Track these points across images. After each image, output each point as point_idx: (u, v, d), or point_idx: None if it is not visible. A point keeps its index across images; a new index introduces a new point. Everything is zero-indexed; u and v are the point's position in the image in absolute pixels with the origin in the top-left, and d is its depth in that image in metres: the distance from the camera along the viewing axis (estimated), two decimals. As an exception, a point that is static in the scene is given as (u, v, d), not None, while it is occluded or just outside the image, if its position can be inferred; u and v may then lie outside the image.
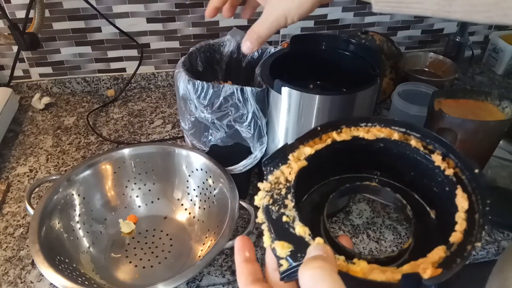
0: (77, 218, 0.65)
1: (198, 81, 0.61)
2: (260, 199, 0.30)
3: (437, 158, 0.31)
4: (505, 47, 1.09)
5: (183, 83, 0.62)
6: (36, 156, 0.84)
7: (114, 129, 0.92)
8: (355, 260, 0.26)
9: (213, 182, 0.67)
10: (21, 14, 0.92)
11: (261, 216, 0.29)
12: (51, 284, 0.58)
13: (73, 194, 0.65)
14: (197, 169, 0.69)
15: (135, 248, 0.66)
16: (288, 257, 0.25)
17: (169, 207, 0.72)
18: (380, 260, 0.28)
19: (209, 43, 0.76)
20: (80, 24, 0.97)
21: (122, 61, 1.05)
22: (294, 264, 0.25)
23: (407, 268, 0.25)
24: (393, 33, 1.12)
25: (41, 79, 1.04)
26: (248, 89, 0.59)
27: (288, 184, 0.30)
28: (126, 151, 0.71)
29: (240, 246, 0.31)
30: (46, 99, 0.99)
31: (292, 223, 0.27)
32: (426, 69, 1.07)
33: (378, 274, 0.24)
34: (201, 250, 0.65)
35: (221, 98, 0.60)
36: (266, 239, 0.27)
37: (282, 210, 0.28)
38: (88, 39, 1.00)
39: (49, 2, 0.93)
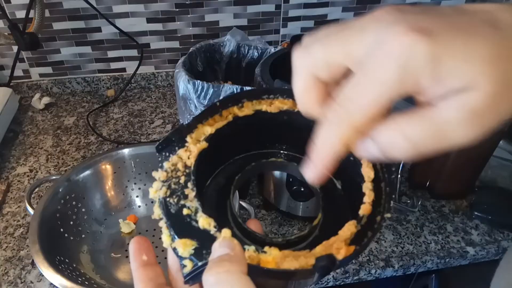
0: (77, 218, 0.65)
1: (198, 81, 0.61)
2: (156, 191, 0.26)
3: None
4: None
5: (183, 83, 0.62)
6: (36, 156, 0.84)
7: (114, 129, 0.92)
8: (266, 248, 0.23)
9: (213, 182, 0.67)
10: (21, 14, 0.92)
11: (157, 212, 0.25)
12: (51, 284, 0.58)
13: (73, 194, 0.65)
14: (197, 169, 0.70)
15: (135, 248, 0.66)
16: (192, 256, 0.23)
17: (169, 207, 0.71)
18: (291, 240, 0.27)
19: (209, 43, 0.76)
20: (80, 24, 0.97)
21: (122, 61, 1.05)
22: (199, 263, 0.22)
23: (320, 250, 0.23)
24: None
25: (41, 79, 1.04)
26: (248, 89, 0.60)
27: (187, 171, 0.27)
28: (126, 151, 0.71)
29: (136, 248, 0.26)
30: (46, 99, 0.99)
31: (195, 216, 0.24)
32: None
33: (291, 261, 0.22)
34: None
35: (221, 98, 0.60)
36: (165, 238, 0.24)
37: (182, 202, 0.25)
38: (88, 39, 1.00)
39: (49, 2, 0.93)
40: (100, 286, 0.58)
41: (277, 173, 0.64)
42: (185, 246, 0.23)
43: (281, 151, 0.33)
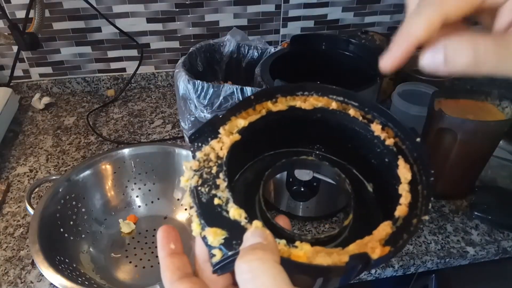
0: (77, 218, 0.65)
1: (198, 81, 0.61)
2: (187, 180, 0.26)
3: (376, 128, 0.29)
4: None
5: (183, 83, 0.62)
6: (36, 156, 0.84)
7: (114, 129, 0.92)
8: (297, 243, 0.23)
9: (213, 182, 0.67)
10: (21, 14, 0.92)
11: (188, 200, 0.25)
12: (51, 284, 0.58)
13: (73, 194, 0.65)
14: (197, 169, 0.70)
15: (135, 248, 0.66)
16: (221, 246, 0.22)
17: (169, 207, 0.72)
18: (321, 239, 0.26)
19: (209, 43, 0.76)
20: (80, 24, 0.97)
21: (122, 61, 1.05)
22: (229, 253, 0.22)
23: (353, 248, 0.23)
24: (393, 33, 1.12)
25: (41, 79, 1.04)
26: (248, 89, 0.60)
27: (219, 162, 0.27)
28: (126, 151, 0.71)
29: (164, 237, 0.26)
30: (46, 99, 0.99)
31: (225, 206, 0.24)
32: (426, 69, 1.07)
33: (323, 257, 0.22)
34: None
35: (221, 98, 0.60)
36: (195, 226, 0.24)
37: (213, 192, 0.25)
38: (88, 39, 1.00)
39: (49, 2, 0.93)
40: (100, 286, 0.58)
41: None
42: (215, 235, 0.23)
43: (312, 151, 0.33)
